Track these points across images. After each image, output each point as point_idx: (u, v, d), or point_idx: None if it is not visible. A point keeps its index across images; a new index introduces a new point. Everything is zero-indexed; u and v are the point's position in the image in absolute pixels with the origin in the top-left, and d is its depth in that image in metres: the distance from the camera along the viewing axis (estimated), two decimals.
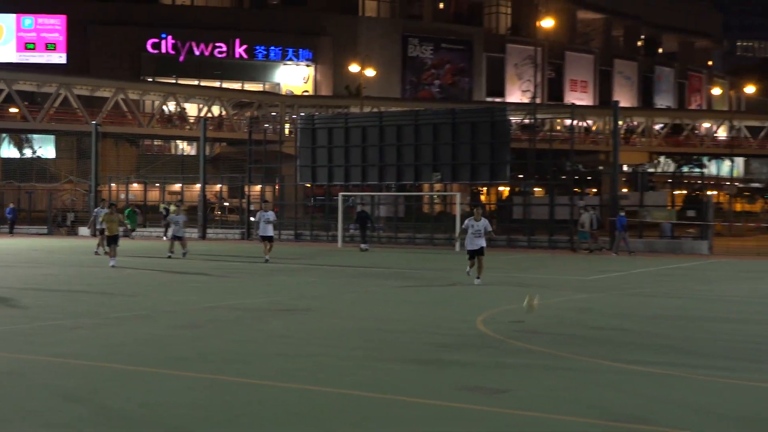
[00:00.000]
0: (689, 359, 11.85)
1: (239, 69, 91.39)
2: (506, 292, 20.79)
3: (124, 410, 8.74)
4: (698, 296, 20.80)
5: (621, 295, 20.82)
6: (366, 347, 12.65)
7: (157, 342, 13.04)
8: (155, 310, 16.88)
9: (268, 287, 22.03)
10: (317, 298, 19.38)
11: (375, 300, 19.38)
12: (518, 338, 13.52)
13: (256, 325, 14.88)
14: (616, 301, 19.49)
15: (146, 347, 12.54)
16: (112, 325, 14.72)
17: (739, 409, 9.02)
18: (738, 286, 24.08)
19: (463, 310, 17.19)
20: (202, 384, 10.06)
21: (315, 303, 18.38)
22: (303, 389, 9.82)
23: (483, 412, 8.71)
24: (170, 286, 22.22)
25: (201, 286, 22.38)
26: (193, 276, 25.22)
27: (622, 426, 8.19)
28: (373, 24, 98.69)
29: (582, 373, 10.82)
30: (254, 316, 16.04)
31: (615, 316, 16.59)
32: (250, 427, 8.13)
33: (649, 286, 23.26)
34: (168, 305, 17.72)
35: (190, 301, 18.55)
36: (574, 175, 48.76)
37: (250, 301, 18.56)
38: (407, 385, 10.05)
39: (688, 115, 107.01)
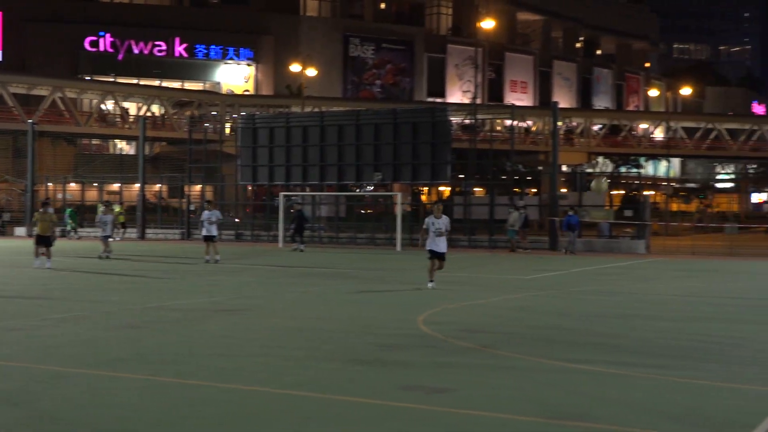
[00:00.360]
0: (626, 357, 11.96)
1: (179, 68, 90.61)
2: (446, 292, 20.82)
3: (60, 412, 8.58)
4: (635, 295, 21.03)
5: (560, 293, 20.99)
6: (307, 347, 12.58)
7: (95, 343, 12.84)
8: (94, 311, 16.63)
9: (209, 287, 21.82)
10: (258, 298, 19.27)
11: (316, 300, 19.30)
12: (459, 337, 13.54)
13: (195, 326, 14.73)
14: (555, 299, 19.64)
15: (84, 348, 12.34)
16: (50, 327, 14.47)
17: (674, 405, 9.11)
18: (673, 284, 24.41)
19: (403, 309, 17.19)
20: (139, 385, 9.92)
21: (255, 303, 18.26)
22: (243, 389, 9.73)
23: (424, 411, 8.70)
24: (109, 286, 21.92)
25: (141, 286, 22.13)
26: (133, 277, 24.93)
27: (562, 423, 8.23)
28: (315, 24, 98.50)
29: (522, 371, 10.87)
30: (194, 317, 15.88)
31: (554, 315, 16.70)
32: (188, 428, 8.03)
33: (587, 285, 23.49)
34: (107, 306, 17.47)
35: (130, 301, 18.31)
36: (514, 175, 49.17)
37: (190, 302, 18.38)
38: (348, 385, 10.01)
39: (626, 116, 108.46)
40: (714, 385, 10.20)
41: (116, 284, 22.46)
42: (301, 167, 45.03)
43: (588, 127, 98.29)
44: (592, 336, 13.96)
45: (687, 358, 11.93)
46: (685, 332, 14.47)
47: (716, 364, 11.47)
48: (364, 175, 44.12)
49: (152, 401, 9.11)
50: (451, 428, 8.07)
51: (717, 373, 10.83)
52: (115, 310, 16.73)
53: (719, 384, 10.22)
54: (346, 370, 10.95)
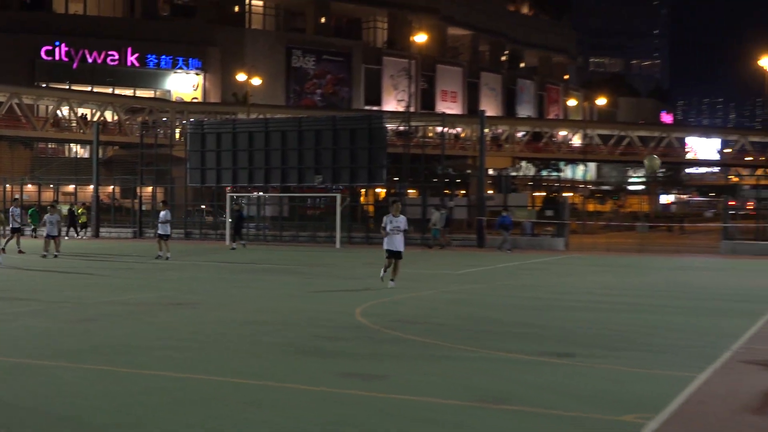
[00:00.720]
0: (547, 345, 12.10)
1: (131, 76, 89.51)
2: (382, 286, 20.84)
3: (19, 401, 8.45)
4: (555, 288, 21.26)
5: (487, 287, 21.15)
6: (251, 338, 12.53)
7: (51, 336, 12.66)
8: (49, 305, 16.39)
9: (159, 283, 21.61)
10: (205, 293, 19.11)
11: (260, 294, 19.21)
12: (394, 328, 13.59)
13: (146, 319, 14.58)
14: (483, 292, 19.79)
15: (41, 341, 12.16)
16: (7, 321, 14.22)
17: (589, 389, 9.25)
18: (590, 278, 24.73)
19: (342, 302, 17.20)
20: (94, 375, 9.81)
21: (203, 297, 18.12)
22: (191, 378, 9.67)
23: (362, 397, 8.72)
24: (64, 283, 21.58)
25: (95, 282, 21.82)
26: (87, 273, 24.58)
27: (486, 406, 8.31)
28: (259, 36, 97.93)
29: (452, 359, 10.94)
30: (145, 310, 15.72)
31: (481, 307, 16.83)
32: (141, 414, 7.96)
33: (512, 279, 23.70)
34: (62, 301, 17.21)
35: (84, 296, 18.05)
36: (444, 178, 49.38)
37: (142, 296, 18.19)
38: (290, 373, 10.00)
39: (547, 124, 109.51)
40: (626, 370, 10.37)
41: (71, 280, 22.12)
42: (247, 170, 44.78)
43: (512, 133, 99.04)
44: (516, 326, 14.10)
45: (602, 346, 12.10)
46: (601, 322, 14.68)
47: (628, 351, 11.65)
48: (306, 177, 43.99)
49: (107, 390, 9.00)
50: (385, 412, 8.10)
51: (629, 360, 11.01)
52: (70, 305, 16.49)
53: (631, 369, 10.39)
54: (288, 359, 10.93)
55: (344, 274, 23.41)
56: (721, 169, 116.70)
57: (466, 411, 8.16)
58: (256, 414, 7.99)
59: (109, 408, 8.18)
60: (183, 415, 7.97)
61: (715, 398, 8.81)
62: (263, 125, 46.06)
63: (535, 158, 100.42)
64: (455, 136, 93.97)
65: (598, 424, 7.76)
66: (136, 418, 7.80)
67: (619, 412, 8.12)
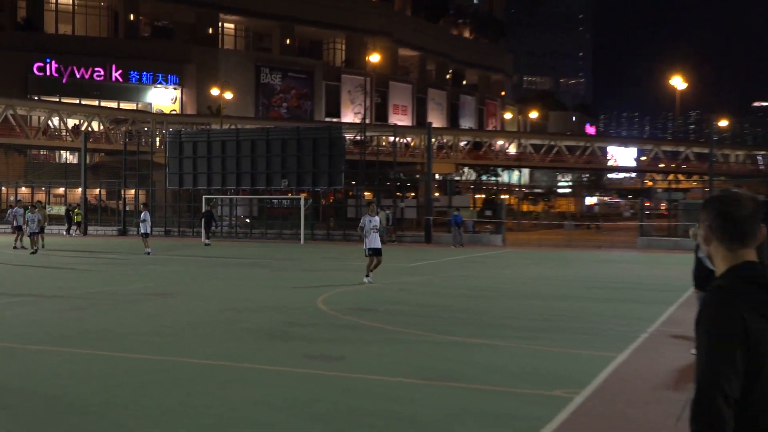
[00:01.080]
0: (487, 330, 12.20)
1: (115, 90, 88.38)
2: (341, 277, 20.86)
3: (12, 383, 8.33)
4: (494, 279, 21.42)
5: (434, 278, 21.23)
6: (225, 325, 12.47)
7: (42, 323, 12.48)
8: (42, 295, 16.15)
9: (142, 275, 21.39)
10: (184, 284, 18.97)
11: (233, 285, 19.10)
12: (352, 314, 13.60)
13: (131, 308, 14.44)
14: (431, 283, 19.87)
15: (33, 327, 11.99)
16: (1, 309, 13.99)
17: (524, 367, 9.34)
18: (524, 270, 24.92)
19: (306, 292, 17.17)
20: (83, 358, 9.70)
21: (182, 288, 17.98)
22: (172, 360, 9.61)
23: (324, 376, 8.73)
24: (55, 275, 21.27)
25: (83, 275, 21.54)
26: (77, 267, 24.24)
27: (435, 383, 8.37)
28: (231, 55, 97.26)
29: (402, 342, 10.99)
30: (129, 300, 15.56)
31: (429, 295, 16.90)
32: (126, 393, 7.89)
33: (456, 271, 23.80)
34: (53, 291, 16.97)
35: (74, 287, 17.83)
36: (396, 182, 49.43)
37: (126, 287, 18.00)
38: (259, 355, 9.98)
39: (486, 135, 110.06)
40: (555, 350, 10.48)
41: (61, 273, 21.81)
42: (220, 175, 44.57)
43: (456, 143, 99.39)
44: (460, 312, 14.18)
45: (534, 329, 12.23)
46: (533, 309, 14.81)
47: (557, 334, 11.78)
48: (273, 181, 43.83)
49: (94, 372, 8.92)
50: (345, 389, 8.12)
51: (558, 341, 11.13)
52: (60, 295, 16.27)
53: (559, 350, 10.51)
54: (259, 343, 10.90)
55: (308, 267, 23.36)
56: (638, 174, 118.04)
57: (416, 388, 8.20)
58: (232, 392, 7.96)
59: (96, 388, 8.10)
60: (165, 393, 7.93)
61: (635, 375, 8.95)
62: (235, 135, 45.83)
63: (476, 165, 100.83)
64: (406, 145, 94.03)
65: (532, 398, 7.85)
66: (122, 398, 7.74)
67: (550, 388, 8.22)
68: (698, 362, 2.56)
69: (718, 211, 2.73)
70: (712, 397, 2.49)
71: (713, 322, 2.56)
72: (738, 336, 2.53)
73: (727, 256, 2.72)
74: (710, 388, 2.50)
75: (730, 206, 2.72)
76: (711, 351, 2.53)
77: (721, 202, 2.74)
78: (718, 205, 2.74)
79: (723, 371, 2.50)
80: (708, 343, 2.54)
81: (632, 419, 7.01)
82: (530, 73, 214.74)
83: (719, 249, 2.74)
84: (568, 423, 6.93)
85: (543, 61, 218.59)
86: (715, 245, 2.75)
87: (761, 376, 2.53)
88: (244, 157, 43.92)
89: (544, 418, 6.99)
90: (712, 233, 2.74)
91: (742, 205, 2.71)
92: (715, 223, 2.73)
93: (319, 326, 12.29)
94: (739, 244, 2.70)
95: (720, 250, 2.74)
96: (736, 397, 2.51)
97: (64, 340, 10.88)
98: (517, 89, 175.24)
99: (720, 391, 2.49)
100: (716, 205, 2.75)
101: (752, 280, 2.62)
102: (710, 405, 2.49)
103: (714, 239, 2.74)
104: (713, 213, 2.74)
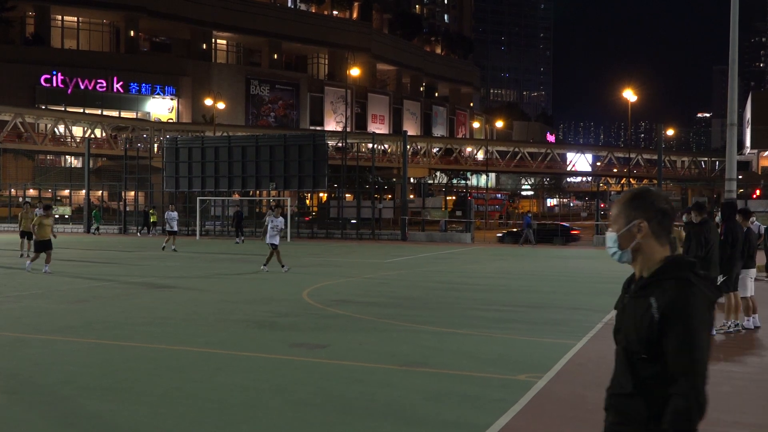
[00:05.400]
0: (458, 319, 12.20)
1: (117, 100, 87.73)
2: (324, 272, 20.81)
3: (20, 369, 8.22)
4: (464, 273, 21.43)
5: (409, 272, 21.22)
6: (217, 315, 12.39)
7: (49, 314, 12.34)
8: (48, 289, 15.97)
9: (142, 270, 21.21)
10: (180, 278, 18.82)
11: (225, 279, 18.99)
12: (334, 306, 13.56)
13: (131, 300, 14.31)
14: (406, 277, 19.85)
15: (40, 318, 11.85)
16: (11, 302, 13.82)
17: (492, 353, 9.36)
18: (490, 265, 24.96)
19: (292, 285, 17.10)
20: (86, 347, 9.59)
21: (179, 282, 17.84)
22: (168, 348, 9.53)
23: (309, 363, 8.69)
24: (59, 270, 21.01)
25: (86, 270, 21.30)
26: (81, 262, 23.98)
27: (410, 369, 8.35)
28: (223, 69, 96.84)
29: (381, 331, 10.96)
30: (129, 293, 15.42)
31: (404, 288, 16.89)
32: (125, 379, 7.81)
33: (430, 266, 23.81)
34: (59, 286, 16.78)
35: (78, 282, 17.64)
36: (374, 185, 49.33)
37: (127, 281, 17.84)
38: (249, 343, 9.91)
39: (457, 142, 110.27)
40: (519, 338, 10.50)
41: (66, 268, 21.56)
42: (213, 178, 44.32)
43: (429, 149, 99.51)
44: (433, 304, 14.17)
45: (499, 319, 12.25)
46: (498, 300, 14.85)
47: (520, 324, 11.81)
48: (262, 184, 43.68)
49: (96, 359, 8.82)
50: (328, 375, 8.08)
51: (521, 330, 11.16)
52: (65, 289, 16.10)
53: (522, 338, 10.54)
54: (248, 332, 10.83)
55: (293, 263, 23.25)
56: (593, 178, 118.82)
57: (393, 373, 8.19)
58: (224, 377, 7.90)
59: (98, 374, 8.02)
60: (162, 379, 7.85)
61: (591, 361, 8.97)
62: (227, 141, 45.60)
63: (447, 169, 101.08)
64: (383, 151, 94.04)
65: (499, 381, 7.85)
66: (122, 382, 7.66)
67: (515, 372, 8.23)
68: (681, 348, 2.42)
69: (657, 208, 2.64)
70: (704, 379, 2.42)
71: (692, 312, 2.45)
72: (710, 321, 2.49)
73: (660, 250, 2.63)
74: (702, 371, 2.41)
75: (665, 203, 2.65)
76: (698, 337, 2.42)
77: (658, 200, 2.66)
78: (656, 202, 2.65)
79: (707, 355, 2.44)
80: (692, 331, 2.43)
81: (589, 400, 7.02)
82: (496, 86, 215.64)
83: (653, 243, 2.63)
84: (532, 404, 6.94)
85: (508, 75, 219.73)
86: (650, 240, 2.63)
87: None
88: (236, 162, 43.72)
89: (511, 400, 6.99)
90: (649, 228, 2.63)
91: (670, 202, 2.67)
92: (655, 219, 2.63)
93: (304, 316, 12.24)
94: (667, 237, 2.65)
95: (654, 244, 2.63)
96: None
97: (69, 331, 10.76)
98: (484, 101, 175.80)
99: (707, 373, 2.44)
100: (654, 202, 2.65)
101: (695, 271, 2.54)
102: (702, 387, 2.40)
103: (650, 234, 2.63)
104: (652, 210, 2.64)
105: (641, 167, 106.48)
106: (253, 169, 43.26)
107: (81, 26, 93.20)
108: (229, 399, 7.01)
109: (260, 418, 6.49)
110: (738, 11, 19.53)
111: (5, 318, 11.89)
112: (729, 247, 10.92)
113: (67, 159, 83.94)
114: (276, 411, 6.69)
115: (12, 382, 7.70)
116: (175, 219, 30.31)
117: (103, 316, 12.22)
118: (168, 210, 31.35)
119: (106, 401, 6.94)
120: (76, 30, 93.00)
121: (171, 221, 29.99)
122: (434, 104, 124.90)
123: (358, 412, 6.69)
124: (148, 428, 6.17)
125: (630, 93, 71.61)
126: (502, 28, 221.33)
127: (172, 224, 29.90)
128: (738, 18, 19.48)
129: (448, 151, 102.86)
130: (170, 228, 29.86)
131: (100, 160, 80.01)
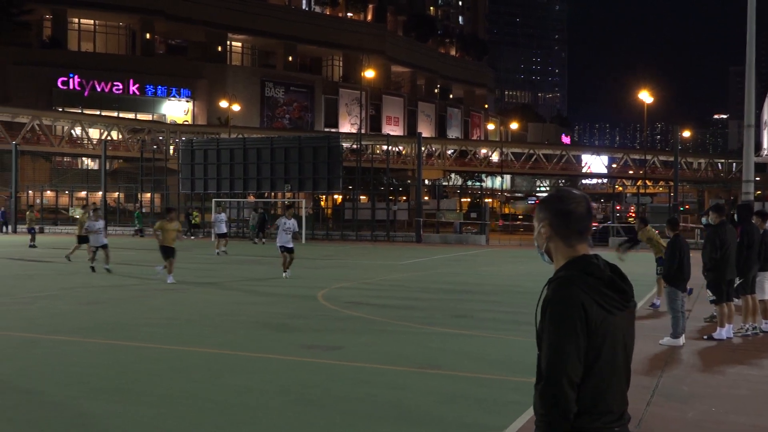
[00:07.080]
0: (469, 321, 12.13)
1: (133, 103, 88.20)
2: (339, 274, 20.77)
3: (33, 369, 8.22)
4: (478, 275, 21.34)
5: (424, 274, 21.15)
6: (230, 316, 12.36)
7: (63, 316, 12.37)
8: (62, 291, 16.01)
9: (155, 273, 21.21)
10: (193, 280, 18.81)
11: (238, 279, 18.99)
12: (348, 308, 13.51)
13: (143, 302, 14.32)
14: (420, 278, 19.78)
15: (54, 320, 11.88)
16: (27, 303, 13.87)
17: (500, 355, 9.29)
18: (505, 267, 24.85)
19: (308, 287, 17.06)
20: (98, 348, 9.58)
21: (191, 284, 17.84)
22: (179, 349, 9.50)
23: (321, 364, 8.64)
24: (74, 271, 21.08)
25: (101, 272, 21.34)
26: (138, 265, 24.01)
27: (420, 371, 8.28)
28: (238, 71, 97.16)
29: (393, 333, 10.90)
30: (142, 295, 15.44)
31: (417, 291, 16.82)
32: (135, 378, 7.78)
33: (444, 268, 23.73)
34: (73, 287, 16.83)
35: (92, 284, 17.69)
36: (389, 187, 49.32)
37: (139, 284, 17.88)
38: (262, 344, 9.87)
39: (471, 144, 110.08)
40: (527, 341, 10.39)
41: (81, 270, 21.61)
42: (228, 180, 44.38)
43: (443, 151, 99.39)
44: (446, 306, 14.10)
45: (509, 321, 12.16)
46: (513, 302, 14.76)
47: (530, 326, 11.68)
48: (277, 186, 43.74)
49: (108, 360, 8.81)
50: (341, 377, 8.03)
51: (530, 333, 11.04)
52: (79, 291, 16.14)
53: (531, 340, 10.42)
54: (260, 333, 10.80)
55: (309, 265, 23.24)
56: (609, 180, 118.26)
57: (403, 374, 8.12)
58: (229, 379, 7.86)
59: (107, 374, 8.00)
60: (172, 379, 7.82)
61: None
62: (242, 143, 45.66)
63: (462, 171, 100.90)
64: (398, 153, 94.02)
65: (512, 384, 7.77)
66: (131, 383, 7.64)
67: (529, 375, 8.14)
68: (545, 348, 2.50)
69: (558, 209, 2.68)
70: (558, 381, 2.45)
71: (558, 310, 2.50)
72: (580, 323, 2.48)
73: (566, 250, 2.67)
74: (557, 373, 2.45)
75: (570, 204, 2.67)
76: (557, 337, 2.47)
77: (561, 201, 2.69)
78: (558, 203, 2.69)
79: (568, 356, 2.46)
80: (554, 330, 2.49)
81: None
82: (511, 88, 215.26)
83: (559, 244, 2.69)
84: None
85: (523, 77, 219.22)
86: (556, 240, 2.69)
87: (599, 361, 2.50)
88: (251, 164, 43.76)
89: (525, 403, 6.91)
90: (552, 229, 2.68)
91: (579, 202, 2.67)
92: (556, 220, 2.67)
93: (318, 318, 12.19)
94: (578, 238, 2.66)
95: (560, 244, 2.68)
96: (578, 381, 2.48)
97: (82, 332, 10.76)
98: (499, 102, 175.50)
99: (565, 375, 2.45)
100: (556, 203, 2.69)
101: (590, 272, 2.56)
102: (557, 388, 2.45)
103: (555, 235, 2.69)
104: (553, 211, 2.69)
105: (657, 169, 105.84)
106: (268, 171, 43.31)
107: (97, 29, 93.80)
108: (233, 400, 6.97)
109: (260, 418, 6.45)
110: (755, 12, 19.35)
111: (19, 319, 11.93)
112: (745, 249, 10.78)
113: (83, 161, 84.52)
114: (280, 412, 6.64)
115: (23, 381, 7.69)
116: (224, 221, 30.02)
117: (115, 317, 12.22)
118: (215, 212, 31.21)
119: (114, 402, 6.90)
120: (92, 33, 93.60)
121: (219, 223, 29.77)
122: (449, 106, 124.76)
123: (366, 415, 6.62)
124: (148, 428, 6.13)
125: (646, 94, 71.18)
126: (516, 30, 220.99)
127: (220, 227, 29.65)
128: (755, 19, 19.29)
129: (463, 153, 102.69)
130: (219, 231, 29.66)
131: (117, 162, 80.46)
